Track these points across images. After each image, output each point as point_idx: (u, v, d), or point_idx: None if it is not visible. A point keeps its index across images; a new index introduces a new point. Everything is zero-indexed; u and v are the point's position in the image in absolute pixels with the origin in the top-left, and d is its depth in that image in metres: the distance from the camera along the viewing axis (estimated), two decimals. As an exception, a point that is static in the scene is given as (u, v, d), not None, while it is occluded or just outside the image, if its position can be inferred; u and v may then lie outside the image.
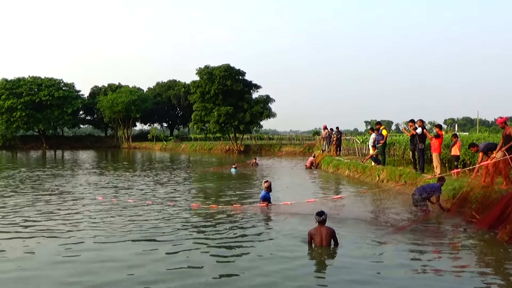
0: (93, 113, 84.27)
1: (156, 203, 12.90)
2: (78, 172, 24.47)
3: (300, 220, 10.05)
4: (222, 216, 10.74)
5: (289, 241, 8.30)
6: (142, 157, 44.98)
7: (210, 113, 47.67)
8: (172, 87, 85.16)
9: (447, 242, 8.25)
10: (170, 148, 63.50)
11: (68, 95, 75.26)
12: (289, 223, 9.91)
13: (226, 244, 8.11)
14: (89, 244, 8.25)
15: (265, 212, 11.29)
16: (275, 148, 48.97)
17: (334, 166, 22.76)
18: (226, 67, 48.14)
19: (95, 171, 25.28)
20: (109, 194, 14.78)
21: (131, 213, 11.19)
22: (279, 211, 11.15)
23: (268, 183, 12.12)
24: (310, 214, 9.38)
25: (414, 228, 9.24)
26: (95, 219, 10.53)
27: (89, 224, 10.00)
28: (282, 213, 10.93)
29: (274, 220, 10.46)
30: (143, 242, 8.32)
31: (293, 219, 10.30)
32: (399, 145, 20.52)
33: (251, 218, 10.57)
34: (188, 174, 23.47)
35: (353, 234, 8.67)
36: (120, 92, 73.06)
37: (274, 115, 48.77)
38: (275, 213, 11.07)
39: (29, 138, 79.23)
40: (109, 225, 9.86)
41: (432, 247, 7.86)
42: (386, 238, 8.44)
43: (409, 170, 15.51)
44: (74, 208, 12.21)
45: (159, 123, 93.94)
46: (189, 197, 14.45)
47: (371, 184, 17.02)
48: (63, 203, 13.10)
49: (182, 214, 11.22)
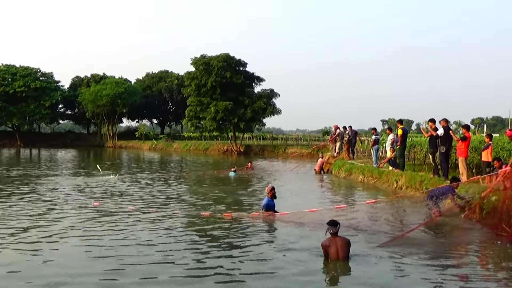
0: (74, 107, 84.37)
1: (161, 210, 13.06)
2: (55, 174, 24.50)
3: (309, 231, 10.11)
4: (230, 226, 10.83)
5: (299, 254, 8.31)
6: (128, 158, 45.03)
7: (206, 108, 47.72)
8: (163, 78, 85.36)
9: (476, 260, 8.27)
10: (161, 148, 63.50)
11: (46, 86, 75.31)
12: (294, 234, 9.94)
13: (231, 261, 8.12)
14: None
15: (269, 221, 11.31)
16: (279, 149, 48.98)
17: (347, 170, 22.74)
18: (225, 56, 48.20)
19: (72, 172, 25.29)
20: (101, 201, 14.77)
21: (132, 223, 11.28)
22: (285, 221, 11.17)
23: (270, 187, 12.12)
24: (320, 224, 9.44)
25: (438, 242, 9.29)
26: (86, 231, 10.52)
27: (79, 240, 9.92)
28: (288, 223, 10.96)
29: (279, 231, 10.50)
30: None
31: (300, 229, 10.33)
32: (420, 147, 20.50)
33: (253, 228, 10.64)
34: (184, 177, 23.64)
35: (365, 246, 8.72)
36: (104, 83, 73.08)
37: (278, 111, 48.83)
38: (281, 223, 11.09)
39: (1, 134, 79.43)
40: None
41: (459, 269, 7.72)
42: (402, 253, 8.44)
43: (431, 176, 15.47)
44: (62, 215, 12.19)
45: (149, 120, 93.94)
46: (185, 204, 14.50)
47: (387, 191, 17.00)
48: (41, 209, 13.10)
49: (177, 224, 11.28)
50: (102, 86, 72.02)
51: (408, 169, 18.48)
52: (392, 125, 42.91)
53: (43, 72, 78.76)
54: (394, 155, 18.63)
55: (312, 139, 56.74)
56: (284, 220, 11.18)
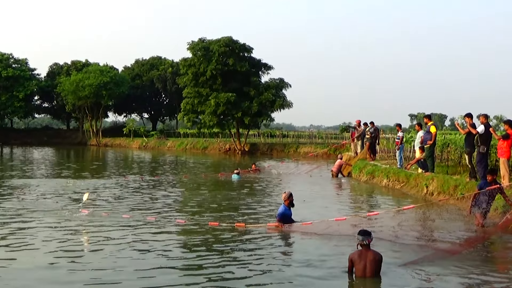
0: (52, 99, 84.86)
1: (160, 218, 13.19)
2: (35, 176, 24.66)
3: (336, 244, 10.26)
4: (243, 238, 10.94)
5: (324, 272, 8.38)
6: (115, 158, 45.18)
7: (205, 101, 47.83)
8: (156, 66, 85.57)
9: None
10: (152, 146, 63.73)
11: (20, 75, 75.79)
12: (318, 247, 10.09)
13: (247, 283, 8.16)
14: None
15: (288, 233, 11.42)
16: (290, 149, 49.00)
17: (368, 173, 22.74)
18: (228, 40, 48.25)
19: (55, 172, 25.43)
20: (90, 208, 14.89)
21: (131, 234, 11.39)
22: (308, 232, 11.28)
23: (288, 194, 12.05)
24: (347, 236, 9.58)
25: (480, 258, 9.27)
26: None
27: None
28: (311, 235, 11.08)
29: (301, 244, 10.61)
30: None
31: (325, 242, 10.48)
32: (455, 147, 20.45)
33: (269, 241, 10.77)
34: (182, 180, 23.89)
35: (398, 260, 8.80)
36: (87, 72, 73.44)
37: (289, 105, 48.89)
38: (303, 235, 11.20)
39: (-34, 130, 79.89)
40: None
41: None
42: (442, 267, 8.51)
43: (467, 180, 15.47)
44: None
45: (138, 114, 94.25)
46: (187, 212, 14.68)
47: (416, 197, 17.00)
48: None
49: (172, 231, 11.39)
50: (85, 74, 72.33)
51: (440, 172, 18.47)
52: (422, 120, 43.14)
53: (16, 58, 79.43)
54: (424, 155, 18.62)
55: (329, 136, 56.58)
56: (306, 231, 11.26)
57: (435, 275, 8.20)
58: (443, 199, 14.75)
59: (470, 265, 8.65)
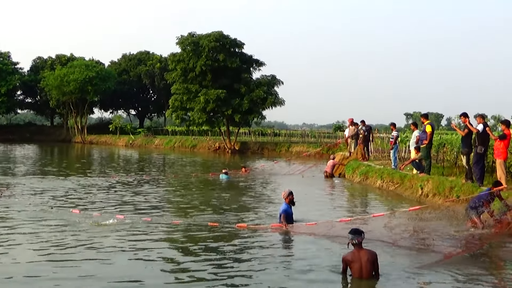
0: (36, 94, 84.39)
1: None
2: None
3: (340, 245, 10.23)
4: (246, 240, 10.99)
5: (327, 275, 8.41)
6: (100, 156, 45.00)
7: (194, 97, 47.72)
8: (143, 61, 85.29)
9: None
10: (139, 144, 63.59)
11: (2, 69, 75.35)
12: (321, 248, 10.16)
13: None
14: None
15: (292, 234, 11.52)
16: (282, 148, 48.98)
17: (362, 174, 22.76)
18: (218, 35, 48.18)
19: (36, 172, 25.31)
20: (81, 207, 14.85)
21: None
22: (310, 233, 11.36)
23: (287, 191, 12.31)
24: (343, 237, 9.65)
25: (477, 262, 9.31)
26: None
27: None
28: (315, 236, 11.14)
29: (304, 245, 10.64)
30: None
31: (328, 243, 10.56)
32: (451, 147, 20.52)
33: (273, 242, 10.91)
34: (171, 179, 23.97)
35: (395, 263, 8.88)
36: (72, 66, 73.12)
37: (281, 102, 48.92)
38: (306, 236, 11.29)
39: None
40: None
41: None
42: (438, 271, 8.57)
43: (463, 181, 15.52)
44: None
45: (125, 110, 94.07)
46: (182, 212, 14.78)
47: (411, 198, 17.04)
48: None
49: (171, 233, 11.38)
50: (69, 69, 72.00)
51: (436, 173, 18.52)
52: (417, 119, 43.11)
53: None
54: (419, 156, 18.64)
55: (322, 135, 56.66)
56: (309, 232, 11.35)
57: (432, 279, 8.25)
58: (448, 200, 14.68)
59: (466, 269, 8.72)
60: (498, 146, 14.58)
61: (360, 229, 8.18)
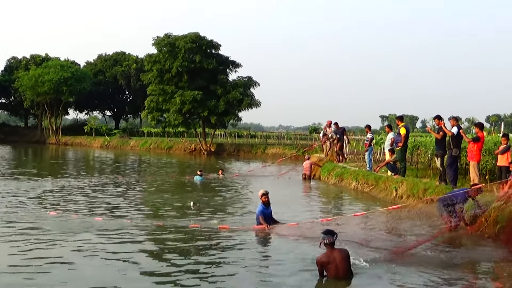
0: (9, 94, 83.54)
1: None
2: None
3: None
4: (228, 241, 10.96)
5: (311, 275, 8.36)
6: (75, 157, 44.54)
7: (170, 99, 47.54)
8: (119, 62, 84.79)
9: (488, 282, 8.43)
10: (115, 145, 63.21)
11: (-26, 69, 74.27)
12: (300, 249, 10.16)
13: None
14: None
15: (271, 234, 11.53)
16: (257, 150, 49.03)
17: (337, 175, 22.80)
18: (194, 36, 48.12)
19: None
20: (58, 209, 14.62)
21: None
22: (291, 233, 11.40)
23: (262, 192, 12.24)
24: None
25: (445, 259, 9.44)
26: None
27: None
28: (297, 236, 11.17)
29: (283, 245, 10.67)
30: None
31: (308, 244, 10.50)
32: (425, 149, 20.64)
33: (255, 243, 11.04)
34: (147, 181, 23.97)
35: (368, 260, 8.94)
36: (47, 66, 72.48)
37: (257, 104, 49.12)
38: (281, 237, 11.33)
39: None
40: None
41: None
42: (406, 270, 8.68)
43: (437, 184, 15.60)
44: None
45: (101, 111, 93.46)
46: (163, 213, 14.69)
47: (385, 200, 17.08)
48: None
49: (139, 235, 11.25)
50: (44, 69, 71.42)
51: (410, 175, 18.60)
52: (393, 121, 43.39)
53: (-30, 51, 77.78)
54: (393, 158, 18.69)
55: (298, 137, 56.79)
56: (290, 233, 11.38)
57: (403, 275, 8.41)
58: (428, 199, 14.74)
59: (437, 266, 8.89)
60: (472, 149, 14.69)
61: (334, 230, 8.15)
